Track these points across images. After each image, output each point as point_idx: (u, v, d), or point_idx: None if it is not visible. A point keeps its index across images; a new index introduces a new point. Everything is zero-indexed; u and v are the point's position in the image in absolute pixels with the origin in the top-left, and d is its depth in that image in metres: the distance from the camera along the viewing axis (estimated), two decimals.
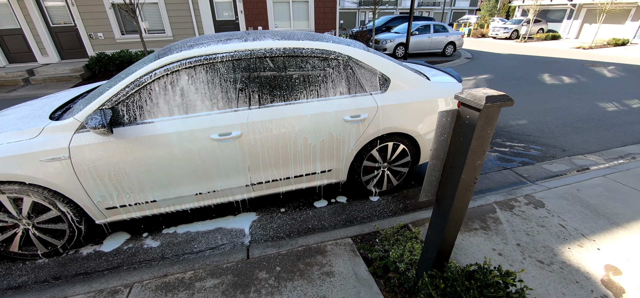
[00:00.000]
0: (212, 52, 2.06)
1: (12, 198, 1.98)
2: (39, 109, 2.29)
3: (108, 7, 8.71)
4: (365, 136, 2.51)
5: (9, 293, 2.01)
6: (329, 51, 2.28)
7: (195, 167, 2.18)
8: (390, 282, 1.89)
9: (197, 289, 1.89)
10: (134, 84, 1.95)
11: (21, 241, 2.18)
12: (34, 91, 7.55)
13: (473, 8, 39.73)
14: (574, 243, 2.26)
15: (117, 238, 2.48)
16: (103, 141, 1.94)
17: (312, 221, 2.66)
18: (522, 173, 3.45)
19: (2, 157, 1.84)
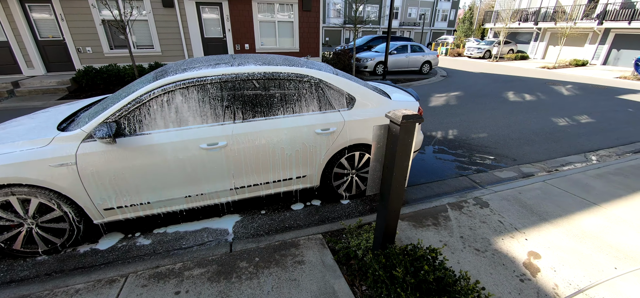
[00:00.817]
0: (203, 75, 2.44)
1: (21, 199, 2.25)
2: (46, 121, 2.58)
3: (98, 23, 8.95)
4: (334, 146, 2.92)
5: (13, 286, 2.24)
6: (303, 75, 2.71)
7: (185, 173, 2.52)
8: (351, 267, 2.27)
9: (185, 277, 2.19)
10: (135, 101, 2.30)
11: (24, 240, 2.42)
12: (18, 103, 7.61)
13: (451, 29, 42.01)
14: (507, 235, 2.72)
15: (111, 238, 2.74)
16: (106, 149, 2.26)
17: (288, 221, 3.01)
18: (475, 179, 3.96)
19: (17, 163, 2.12)
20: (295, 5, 10.46)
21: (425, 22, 39.20)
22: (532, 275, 2.27)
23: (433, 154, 4.75)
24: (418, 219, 2.96)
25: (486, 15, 27.80)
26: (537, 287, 2.16)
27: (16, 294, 2.07)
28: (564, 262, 2.40)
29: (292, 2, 10.43)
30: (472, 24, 41.75)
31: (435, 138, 5.45)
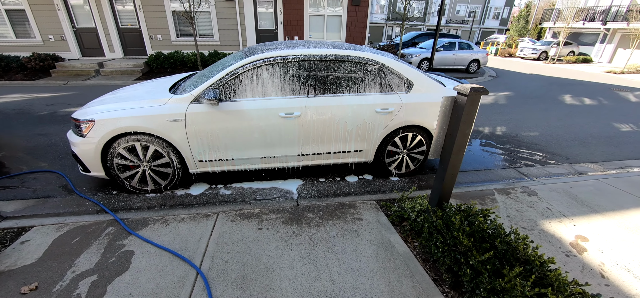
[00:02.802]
0: (285, 54, 2.89)
1: (142, 145, 2.88)
2: (158, 86, 3.23)
3: (169, 14, 10.07)
4: (391, 125, 3.23)
5: (133, 211, 2.89)
6: (368, 59, 3.06)
7: (265, 136, 3.00)
8: (404, 227, 2.59)
9: (264, 219, 2.67)
10: (232, 73, 2.81)
11: (139, 179, 3.08)
12: (104, 81, 8.90)
13: (502, 28, 39.39)
14: (555, 220, 2.85)
15: (200, 186, 3.34)
16: (208, 111, 2.81)
17: (344, 189, 3.40)
18: (523, 171, 4.02)
19: (144, 115, 2.75)
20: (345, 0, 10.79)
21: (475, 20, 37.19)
22: (578, 253, 2.41)
23: (480, 147, 4.83)
24: (465, 199, 3.17)
25: (545, 14, 25.74)
26: (583, 262, 2.30)
27: (138, 217, 2.69)
28: (613, 247, 2.49)
29: None
30: (528, 23, 38.75)
31: (483, 133, 5.48)
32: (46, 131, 4.84)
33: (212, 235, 2.44)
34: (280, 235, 2.46)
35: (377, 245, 2.36)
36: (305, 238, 2.42)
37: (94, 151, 2.81)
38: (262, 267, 2.11)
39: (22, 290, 1.86)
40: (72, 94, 7.47)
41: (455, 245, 1.89)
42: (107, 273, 2.03)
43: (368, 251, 2.28)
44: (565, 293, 1.44)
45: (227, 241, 2.37)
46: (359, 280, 2.01)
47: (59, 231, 2.48)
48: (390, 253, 2.27)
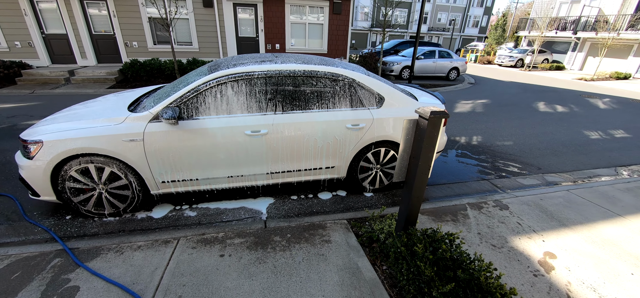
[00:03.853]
0: (251, 70, 2.78)
1: (97, 167, 2.69)
2: (116, 103, 3.04)
3: (145, 20, 9.75)
4: (362, 141, 3.17)
5: (86, 239, 2.68)
6: (338, 74, 2.99)
7: (230, 155, 2.87)
8: (373, 249, 2.51)
9: (228, 244, 2.53)
10: (194, 90, 2.67)
11: (95, 203, 2.87)
12: (74, 89, 8.49)
13: (482, 35, 40.76)
14: (524, 236, 2.84)
15: (163, 208, 3.16)
16: (168, 130, 2.65)
17: (316, 207, 3.30)
18: (497, 183, 4.04)
19: (97, 136, 2.56)
20: (326, 8, 10.79)
21: (455, 28, 38.31)
22: (545, 272, 2.39)
23: (456, 157, 4.86)
24: (437, 215, 3.13)
25: (521, 23, 26.79)
26: (550, 282, 2.29)
27: (90, 245, 2.49)
28: (580, 263, 2.50)
29: (323, 5, 10.77)
30: (505, 32, 40.26)
31: (459, 142, 5.53)
32: (1, 148, 4.50)
33: (168, 265, 2.28)
34: (243, 262, 2.32)
35: (344, 271, 2.26)
36: (269, 266, 2.30)
37: (43, 174, 2.60)
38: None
39: None
40: (38, 104, 7.06)
41: (419, 273, 1.82)
42: None
43: (334, 279, 2.18)
44: None
45: (185, 272, 2.21)
46: None
47: (3, 261, 2.25)
48: (357, 280, 2.18)
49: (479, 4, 39.60)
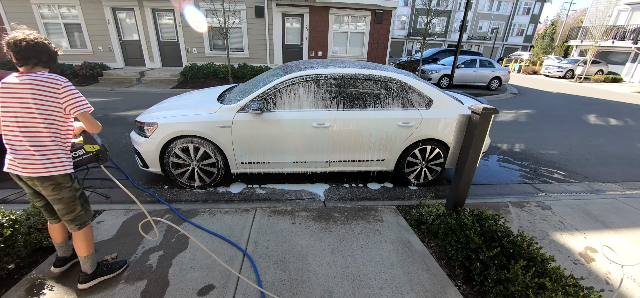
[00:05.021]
0: (319, 73, 3.31)
1: (194, 146, 3.36)
2: (206, 97, 3.73)
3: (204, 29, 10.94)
4: (411, 138, 3.55)
5: (183, 203, 3.34)
6: (392, 78, 3.42)
7: (298, 143, 3.41)
8: (421, 230, 2.88)
9: (296, 215, 3.04)
10: (273, 88, 3.26)
11: (188, 176, 3.55)
12: (145, 88, 9.76)
13: (527, 45, 38.65)
14: (566, 232, 3.03)
15: (238, 186, 3.78)
16: (252, 119, 3.25)
17: (366, 195, 3.73)
18: (539, 187, 4.18)
19: (198, 121, 3.23)
20: (368, 17, 11.27)
21: (498, 36, 36.78)
22: (586, 262, 2.60)
23: (497, 162, 5.02)
24: (480, 209, 3.40)
25: (572, 32, 25.15)
26: (589, 269, 2.50)
27: (188, 208, 3.14)
28: (622, 259, 2.66)
29: (365, 15, 11.26)
30: (554, 40, 37.80)
31: (501, 149, 5.65)
32: (101, 133, 5.49)
33: (253, 225, 2.84)
34: (311, 229, 2.82)
35: (397, 243, 2.67)
36: (333, 234, 2.77)
37: (155, 150, 3.32)
38: (297, 253, 2.47)
39: (107, 258, 2.31)
40: (119, 99, 8.30)
41: (468, 243, 2.17)
42: (170, 250, 2.46)
43: (389, 248, 2.59)
44: (561, 283, 1.70)
45: (266, 231, 2.75)
46: (381, 270, 2.33)
47: (126, 215, 2.96)
48: (409, 250, 2.57)
49: (525, 11, 37.71)
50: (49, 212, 1.91)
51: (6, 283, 2.08)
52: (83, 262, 1.98)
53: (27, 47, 1.56)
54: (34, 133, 1.62)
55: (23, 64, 1.59)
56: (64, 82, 1.66)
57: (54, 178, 1.69)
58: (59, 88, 1.63)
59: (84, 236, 1.91)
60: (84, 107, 1.73)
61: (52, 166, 1.66)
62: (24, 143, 1.61)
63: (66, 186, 1.75)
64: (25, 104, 1.58)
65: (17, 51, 1.55)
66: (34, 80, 1.58)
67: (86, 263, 1.98)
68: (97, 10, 10.70)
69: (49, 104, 1.62)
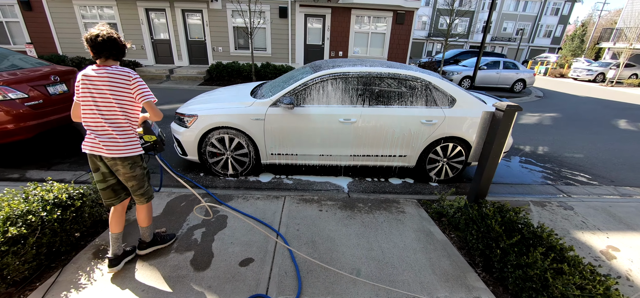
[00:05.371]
0: (347, 71, 3.51)
1: (229, 137, 3.65)
2: (242, 91, 4.02)
3: (230, 29, 11.40)
4: (433, 136, 3.68)
5: (217, 189, 3.63)
6: (417, 77, 3.57)
7: (325, 137, 3.62)
8: (442, 222, 3.02)
9: (323, 203, 3.26)
10: (303, 84, 3.49)
11: (222, 165, 3.85)
12: (174, 85, 10.30)
13: (554, 46, 37.08)
14: (588, 232, 3.08)
15: (267, 175, 4.04)
16: (283, 113, 3.50)
17: (388, 189, 3.89)
18: (562, 188, 4.18)
19: (234, 114, 3.51)
20: (390, 18, 11.35)
21: (523, 37, 35.55)
22: (606, 260, 2.66)
23: (519, 164, 5.03)
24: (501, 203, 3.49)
25: (604, 33, 23.98)
26: (610, 266, 2.56)
27: (223, 193, 3.42)
28: None
29: (387, 16, 11.35)
30: (584, 42, 36.08)
31: (523, 150, 5.63)
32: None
33: (283, 210, 3.08)
34: (338, 216, 3.02)
35: (419, 232, 2.83)
36: (358, 221, 2.96)
37: (194, 140, 3.63)
38: (326, 236, 2.68)
39: (158, 231, 2.61)
40: None
41: (488, 232, 2.31)
42: (211, 228, 2.74)
43: (411, 236, 2.76)
44: (579, 269, 1.81)
45: (296, 216, 2.99)
46: (404, 254, 2.50)
47: (169, 197, 3.28)
48: (431, 239, 2.72)
49: (553, 12, 36.21)
50: (115, 191, 2.09)
51: (75, 247, 2.42)
52: (143, 232, 2.26)
53: (102, 42, 1.75)
54: (114, 118, 1.86)
55: (98, 57, 1.81)
56: (134, 75, 1.88)
57: (133, 158, 1.96)
58: (130, 79, 1.85)
59: (148, 209, 2.20)
60: (150, 97, 1.93)
61: (131, 147, 1.93)
62: (106, 128, 1.85)
63: (139, 165, 2.02)
64: (103, 94, 1.81)
65: (93, 45, 1.75)
66: (109, 72, 1.80)
67: (146, 233, 2.27)
68: (131, 11, 11.39)
69: (122, 93, 1.84)
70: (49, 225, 2.16)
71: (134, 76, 1.88)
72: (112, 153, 1.88)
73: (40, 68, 4.53)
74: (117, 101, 1.84)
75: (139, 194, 2.10)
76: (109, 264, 2.12)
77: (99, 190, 2.06)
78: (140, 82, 1.90)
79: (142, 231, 2.27)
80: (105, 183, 2.03)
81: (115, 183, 2.07)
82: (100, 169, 1.98)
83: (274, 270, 2.24)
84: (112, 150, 1.87)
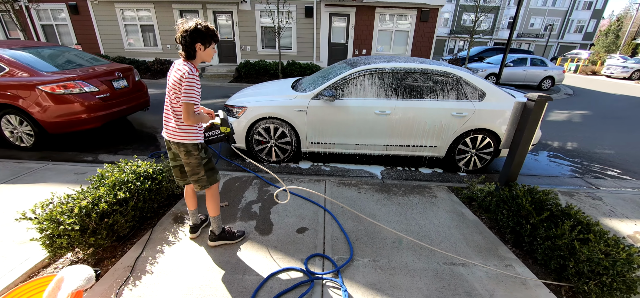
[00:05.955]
0: (382, 66, 3.82)
1: (274, 127, 4.05)
2: (284, 85, 4.43)
3: (258, 29, 11.93)
4: (463, 127, 3.92)
5: (263, 174, 4.04)
6: (448, 72, 3.82)
7: (360, 128, 3.95)
8: (473, 206, 3.27)
9: (360, 187, 3.59)
10: (343, 79, 3.84)
11: (266, 152, 4.26)
12: (207, 82, 10.94)
13: (586, 42, 35.32)
14: (616, 219, 3.23)
15: (306, 163, 4.42)
16: (323, 105, 3.86)
17: (418, 177, 4.16)
18: (591, 181, 4.29)
19: (279, 105, 3.91)
20: (414, 15, 11.48)
21: (552, 33, 34.12)
22: (634, 242, 2.82)
23: (547, 158, 5.13)
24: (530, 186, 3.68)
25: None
26: None
27: (269, 177, 3.82)
28: None
29: (411, 13, 11.48)
30: (619, 38, 34.15)
31: (551, 146, 5.69)
32: None
33: (326, 191, 3.44)
34: (375, 197, 3.35)
35: (451, 213, 3.10)
36: (394, 202, 3.27)
37: (243, 129, 4.06)
38: (367, 212, 3.02)
39: (222, 204, 3.04)
40: None
41: (519, 210, 2.56)
42: (266, 204, 3.14)
43: (444, 215, 3.04)
44: (604, 238, 2.05)
45: (338, 197, 3.34)
46: (439, 230, 2.79)
47: (224, 178, 3.72)
48: (463, 218, 3.00)
49: (585, 6, 34.49)
50: (181, 172, 2.30)
51: (156, 214, 2.89)
52: (212, 222, 2.38)
53: (180, 38, 1.85)
54: (174, 107, 1.99)
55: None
56: (188, 74, 1.84)
57: (186, 145, 2.07)
58: (184, 76, 1.84)
59: (210, 197, 2.30)
60: (186, 99, 1.87)
61: (185, 135, 2.04)
62: (170, 115, 2.04)
63: (194, 154, 2.10)
64: (170, 84, 1.96)
65: (177, 39, 1.90)
66: (177, 67, 1.92)
67: (214, 224, 2.38)
68: (167, 13, 12.16)
69: (179, 86, 1.89)
70: (141, 193, 2.63)
71: (187, 75, 1.85)
72: (170, 137, 2.08)
73: (106, 65, 5.14)
74: (175, 94, 1.94)
75: (193, 180, 2.21)
76: (190, 231, 2.55)
77: (171, 168, 2.36)
78: (189, 82, 1.85)
79: (211, 223, 2.39)
80: (174, 162, 2.30)
81: (181, 164, 2.28)
82: (171, 149, 2.23)
83: (326, 237, 2.60)
84: (170, 135, 2.07)
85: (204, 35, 1.88)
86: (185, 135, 2.05)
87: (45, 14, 13.10)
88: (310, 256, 2.34)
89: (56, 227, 2.07)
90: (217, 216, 2.38)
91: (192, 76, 1.86)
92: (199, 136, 2.12)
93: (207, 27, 1.90)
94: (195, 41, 1.85)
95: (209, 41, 1.93)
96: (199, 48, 1.90)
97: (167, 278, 2.10)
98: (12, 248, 2.33)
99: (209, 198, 2.30)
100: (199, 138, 2.13)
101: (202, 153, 2.17)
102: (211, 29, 1.93)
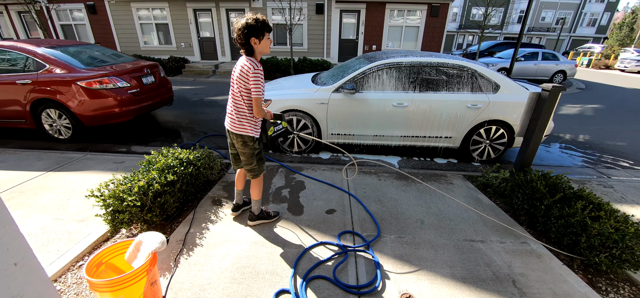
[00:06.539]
0: (399, 61, 4.01)
1: (297, 118, 4.28)
2: (304, 79, 4.65)
3: None
4: (477, 119, 4.09)
5: (286, 162, 4.29)
6: (463, 65, 4.00)
7: (379, 120, 4.15)
8: (487, 192, 3.46)
9: (380, 175, 3.80)
10: (362, 73, 4.05)
11: (289, 143, 4.50)
12: (220, 79, 11.24)
13: (599, 36, 34.64)
14: (626, 204, 3.38)
15: (326, 153, 4.65)
16: (344, 98, 4.07)
17: (434, 166, 4.36)
18: (603, 171, 4.42)
19: (302, 98, 4.14)
20: (424, 11, 11.56)
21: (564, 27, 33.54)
22: None
23: (559, 149, 5.26)
24: None
25: None
26: None
27: (294, 166, 4.06)
28: None
29: (421, 9, 11.56)
30: (634, 31, 33.40)
31: (563, 138, 5.81)
32: (204, 111, 6.82)
33: (348, 178, 3.67)
34: (395, 184, 3.56)
35: (468, 198, 3.30)
36: (413, 189, 3.48)
37: None
38: (389, 197, 3.24)
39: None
40: (203, 87, 9.79)
41: (533, 193, 2.75)
42: (294, 189, 3.38)
43: (461, 200, 3.24)
44: (614, 216, 2.23)
45: (360, 183, 3.56)
46: (457, 212, 2.99)
47: None
48: (479, 202, 3.19)
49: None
50: (236, 159, 2.51)
51: (196, 197, 3.15)
52: (253, 204, 2.59)
53: (237, 34, 1.99)
54: (236, 100, 2.17)
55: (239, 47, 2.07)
56: (254, 69, 1.97)
57: (243, 136, 2.23)
58: (249, 72, 1.98)
59: (256, 184, 2.50)
60: (256, 94, 2.03)
61: (242, 127, 2.22)
62: (231, 107, 2.24)
63: (249, 145, 2.28)
64: (234, 79, 2.15)
65: (235, 40, 2.04)
66: (240, 62, 2.07)
67: (255, 206, 2.59)
68: (181, 11, 12.48)
69: (243, 81, 2.05)
70: (185, 177, 2.89)
71: (254, 70, 1.97)
72: (230, 127, 2.29)
73: (132, 62, 5.43)
74: (239, 87, 2.10)
75: (247, 169, 2.41)
76: (232, 209, 2.81)
77: (230, 154, 2.60)
78: (256, 77, 1.99)
79: (252, 204, 2.60)
80: (232, 150, 2.54)
81: (237, 152, 2.47)
82: (229, 138, 2.45)
83: (354, 217, 2.84)
84: (230, 125, 2.28)
85: (254, 28, 1.95)
86: (243, 127, 2.22)
87: (64, 14, 13.56)
88: (341, 233, 2.58)
89: (120, 203, 2.34)
90: (259, 200, 2.59)
91: (256, 71, 1.97)
92: (255, 129, 2.28)
93: (257, 19, 1.97)
94: (249, 36, 1.96)
95: (262, 32, 1.99)
96: (253, 42, 1.99)
97: (216, 250, 2.36)
98: (75, 226, 2.62)
99: (255, 184, 2.51)
100: (256, 132, 2.29)
101: (256, 144, 2.33)
102: (261, 20, 1.98)
